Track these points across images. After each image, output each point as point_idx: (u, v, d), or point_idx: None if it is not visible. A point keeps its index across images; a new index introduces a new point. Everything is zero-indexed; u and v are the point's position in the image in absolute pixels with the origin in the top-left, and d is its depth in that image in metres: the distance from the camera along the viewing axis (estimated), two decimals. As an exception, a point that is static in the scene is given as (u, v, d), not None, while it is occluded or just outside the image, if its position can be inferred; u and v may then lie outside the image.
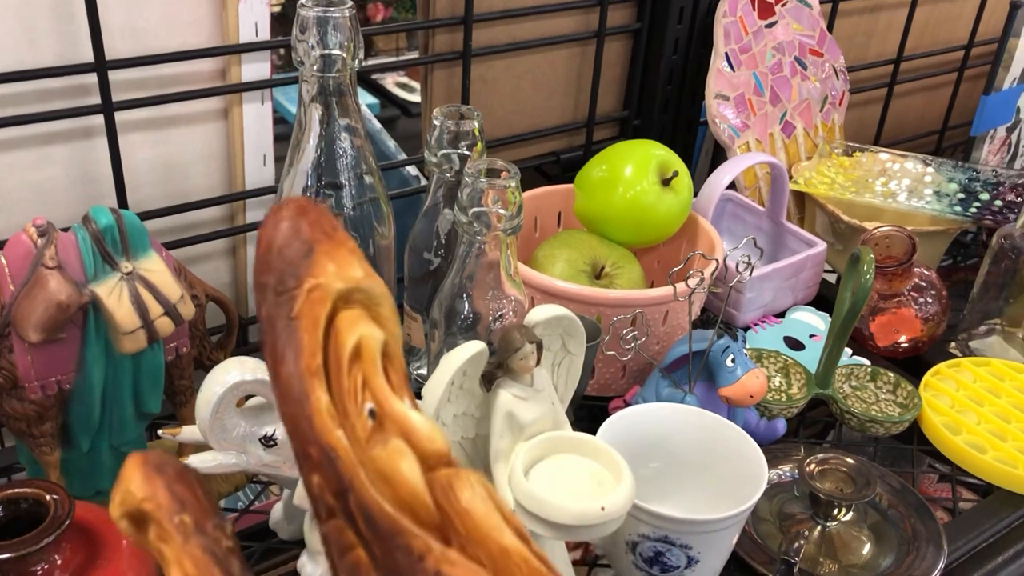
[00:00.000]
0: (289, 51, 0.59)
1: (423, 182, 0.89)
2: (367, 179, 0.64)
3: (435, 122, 0.66)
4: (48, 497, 0.48)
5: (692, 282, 0.60)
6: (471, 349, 0.46)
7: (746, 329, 0.81)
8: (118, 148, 0.67)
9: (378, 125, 0.93)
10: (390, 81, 2.22)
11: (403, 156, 0.91)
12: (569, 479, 0.47)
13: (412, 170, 0.90)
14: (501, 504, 0.25)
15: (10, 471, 0.65)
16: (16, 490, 0.49)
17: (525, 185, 0.59)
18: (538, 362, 0.47)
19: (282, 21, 0.87)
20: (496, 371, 0.47)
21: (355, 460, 0.24)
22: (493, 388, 0.47)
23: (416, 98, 2.49)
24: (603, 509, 0.44)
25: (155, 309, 0.53)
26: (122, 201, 0.69)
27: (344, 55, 0.58)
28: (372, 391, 0.25)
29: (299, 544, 0.60)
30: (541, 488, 0.45)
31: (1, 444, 0.69)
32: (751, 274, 0.62)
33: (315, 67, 0.58)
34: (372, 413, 0.25)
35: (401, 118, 2.49)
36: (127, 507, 0.24)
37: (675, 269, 0.58)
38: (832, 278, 0.94)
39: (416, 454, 0.25)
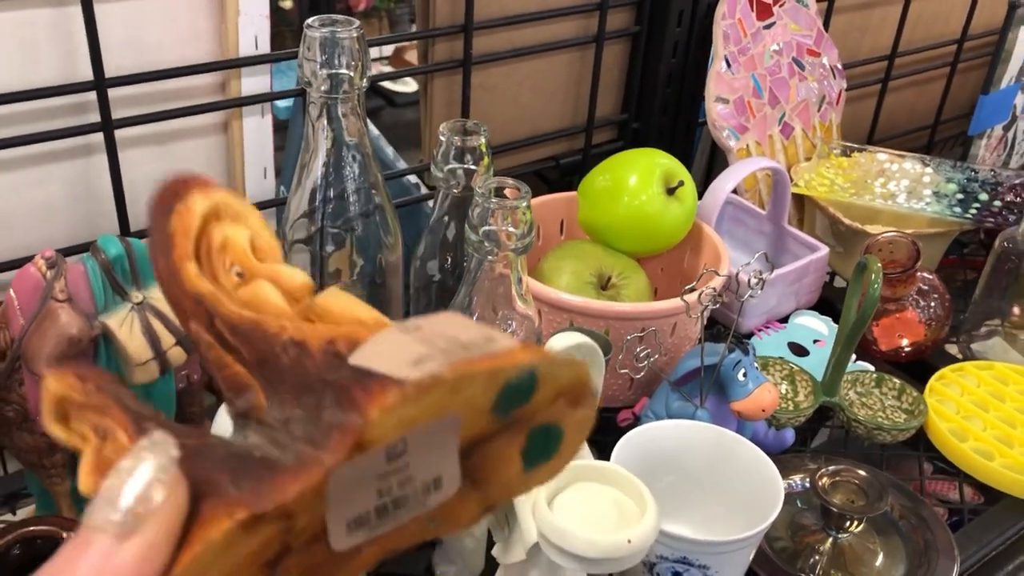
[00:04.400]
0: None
1: (423, 189, 0.88)
2: (374, 196, 0.63)
3: (441, 138, 0.65)
4: (65, 534, 0.48)
5: (704, 298, 0.59)
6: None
7: (750, 335, 0.81)
8: (118, 165, 0.66)
9: (375, 131, 0.92)
10: (374, 71, 2.20)
11: (402, 163, 0.90)
12: (592, 509, 0.47)
13: (411, 176, 0.89)
14: (364, 306, 0.27)
15: (16, 498, 0.65)
16: (31, 528, 0.48)
17: (524, 190, 0.59)
18: (560, 391, 0.47)
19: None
20: (518, 401, 0.47)
21: (219, 296, 0.27)
22: (515, 418, 0.47)
23: (401, 88, 2.47)
24: (630, 542, 0.44)
25: (167, 339, 0.52)
26: (123, 217, 0.69)
27: (352, 74, 0.58)
28: (241, 265, 0.29)
29: None
30: (566, 520, 0.45)
31: (4, 470, 0.68)
32: (762, 288, 0.62)
33: (322, 87, 0.58)
34: (239, 274, 0.28)
35: (386, 108, 2.47)
36: (53, 408, 0.27)
37: (688, 287, 0.58)
38: (835, 281, 0.94)
39: (281, 289, 0.28)
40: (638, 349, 0.60)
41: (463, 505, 0.27)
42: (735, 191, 0.89)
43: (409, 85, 2.32)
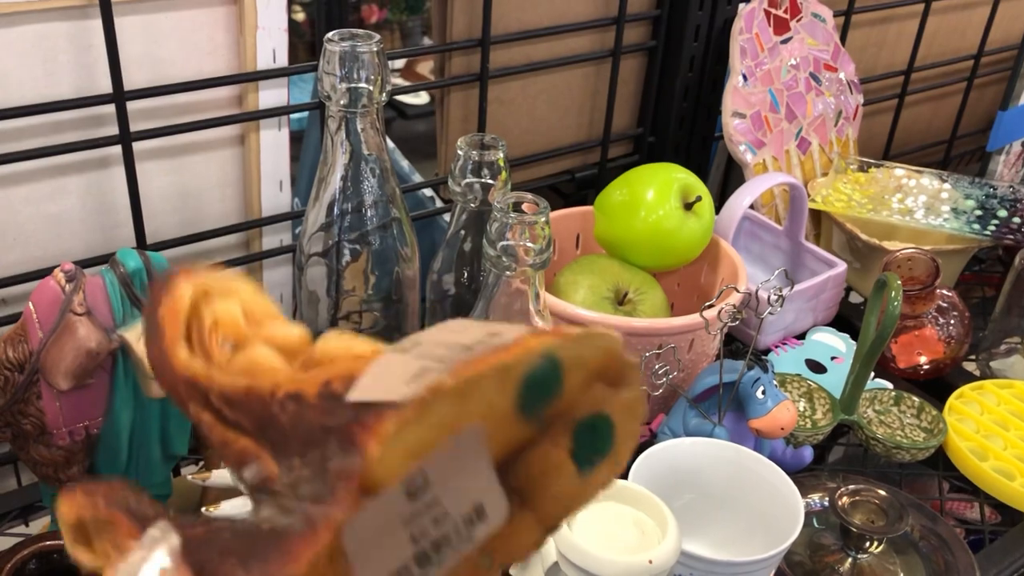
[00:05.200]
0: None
1: (438, 203, 0.88)
2: (392, 210, 0.63)
3: (459, 152, 0.65)
4: (81, 550, 0.47)
5: (723, 315, 0.59)
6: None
7: (767, 352, 0.80)
8: (135, 178, 0.66)
9: (391, 144, 0.92)
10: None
11: (417, 176, 0.90)
12: (612, 528, 0.46)
13: (427, 190, 0.89)
14: (364, 341, 0.25)
15: (29, 510, 0.65)
16: (48, 543, 0.48)
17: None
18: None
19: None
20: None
21: (212, 373, 0.26)
22: (534, 436, 0.47)
23: (412, 100, 2.47)
24: (651, 563, 0.43)
25: (184, 353, 0.52)
26: (139, 231, 0.68)
27: (371, 88, 0.57)
28: (236, 340, 0.28)
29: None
30: (585, 539, 0.44)
31: (18, 482, 0.68)
32: (782, 305, 0.62)
33: (341, 101, 0.57)
34: (233, 348, 0.28)
35: (397, 120, 2.47)
36: (71, 533, 0.25)
37: (708, 304, 0.58)
38: (850, 297, 0.94)
39: (278, 348, 0.27)
40: (656, 366, 0.60)
41: (518, 530, 0.24)
42: (752, 206, 0.89)
43: (420, 97, 2.33)
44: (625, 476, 0.56)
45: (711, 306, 0.61)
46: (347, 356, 0.25)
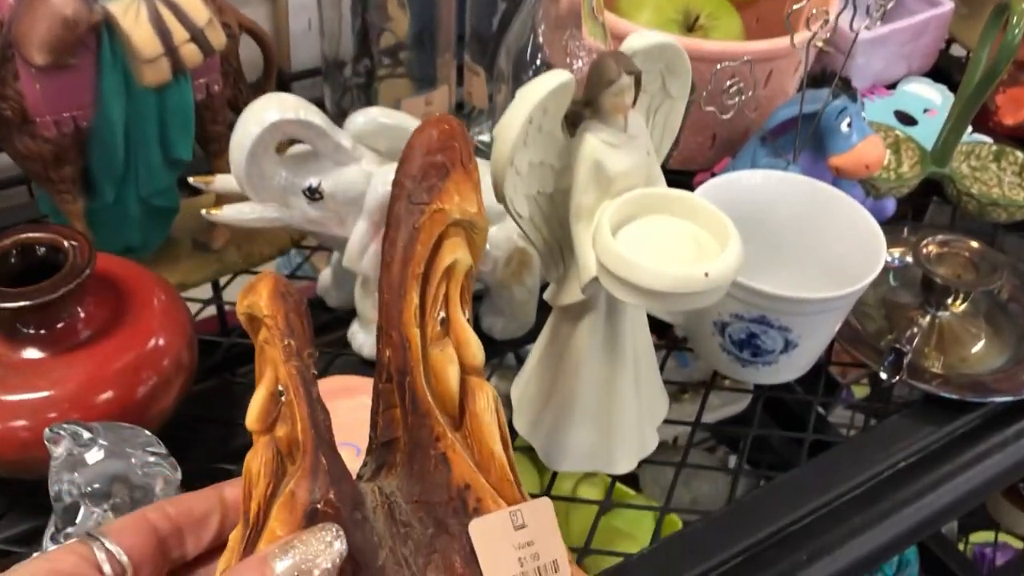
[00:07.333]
0: None
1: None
2: None
3: None
4: (67, 243, 0.43)
5: (814, 26, 0.50)
6: (553, 80, 0.37)
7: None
8: None
9: None
10: None
11: None
12: (664, 242, 0.39)
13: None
14: (501, 418, 0.32)
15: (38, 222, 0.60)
16: (31, 234, 0.43)
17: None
18: (634, 102, 0.39)
19: None
20: (583, 110, 0.39)
21: (419, 355, 0.31)
22: (578, 132, 0.39)
23: None
24: (707, 275, 0.37)
25: (179, 34, 0.45)
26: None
27: None
28: (448, 302, 0.32)
29: (347, 315, 0.55)
30: (632, 250, 0.38)
31: (31, 194, 0.63)
32: (882, 18, 0.52)
33: None
34: (443, 321, 0.32)
35: None
36: (252, 312, 0.30)
37: (796, 6, 0.48)
38: (950, 49, 0.83)
39: (460, 361, 0.32)
40: (728, 82, 0.52)
41: None
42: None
43: None
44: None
45: (798, 11, 0.51)
46: (486, 449, 0.32)
